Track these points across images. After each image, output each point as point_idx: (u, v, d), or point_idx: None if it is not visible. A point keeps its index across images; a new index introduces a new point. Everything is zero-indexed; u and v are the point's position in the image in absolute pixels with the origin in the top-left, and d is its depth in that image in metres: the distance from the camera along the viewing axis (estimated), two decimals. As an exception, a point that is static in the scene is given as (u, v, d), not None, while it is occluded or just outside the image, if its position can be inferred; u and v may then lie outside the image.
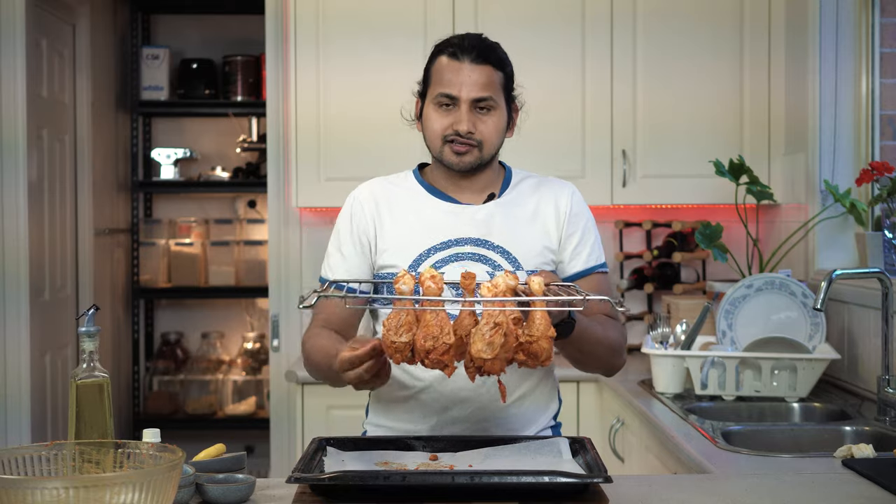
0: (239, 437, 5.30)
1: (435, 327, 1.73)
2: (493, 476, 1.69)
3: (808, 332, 3.05)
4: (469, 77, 2.06)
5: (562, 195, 2.17)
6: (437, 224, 2.12)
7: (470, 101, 2.07)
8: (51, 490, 1.34)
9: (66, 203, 4.63)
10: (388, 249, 2.13)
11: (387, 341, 1.76)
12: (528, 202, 2.16)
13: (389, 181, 2.23)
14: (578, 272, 2.15)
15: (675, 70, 3.79)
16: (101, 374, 1.71)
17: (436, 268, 2.08)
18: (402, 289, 1.74)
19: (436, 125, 2.10)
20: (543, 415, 2.18)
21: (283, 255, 4.05)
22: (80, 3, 4.69)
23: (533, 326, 1.74)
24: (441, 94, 2.08)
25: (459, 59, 2.07)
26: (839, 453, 2.17)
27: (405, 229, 2.13)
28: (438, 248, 2.10)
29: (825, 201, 3.36)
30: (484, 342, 1.70)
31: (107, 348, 4.97)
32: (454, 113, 2.08)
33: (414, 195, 2.18)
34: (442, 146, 2.11)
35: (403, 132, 4.16)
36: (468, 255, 2.10)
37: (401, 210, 2.16)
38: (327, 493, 1.70)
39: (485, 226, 2.12)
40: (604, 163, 3.80)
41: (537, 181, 2.21)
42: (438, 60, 2.12)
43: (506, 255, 2.10)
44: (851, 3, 3.35)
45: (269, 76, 4.00)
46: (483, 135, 2.09)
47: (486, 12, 3.78)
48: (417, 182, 2.20)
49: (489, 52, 2.09)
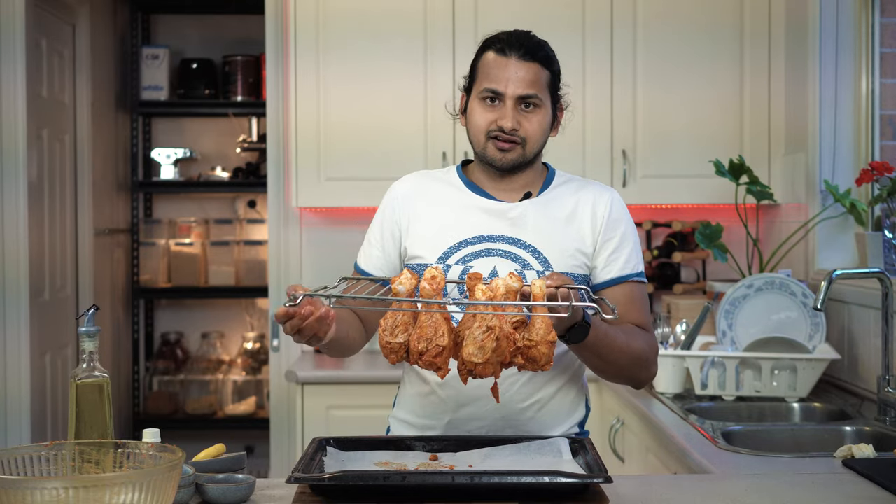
0: (239, 437, 5.30)
1: (429, 329, 1.73)
2: (493, 476, 1.69)
3: (808, 332, 3.05)
4: (515, 73, 2.04)
5: (601, 199, 2.13)
6: (471, 219, 2.11)
7: (515, 98, 2.04)
8: (50, 490, 1.34)
9: (66, 203, 4.63)
10: (418, 241, 2.12)
11: (382, 341, 1.76)
12: (565, 204, 2.13)
13: (431, 175, 2.22)
14: (612, 279, 2.11)
15: (675, 69, 3.79)
16: (101, 374, 1.71)
17: (464, 262, 2.07)
18: (398, 289, 1.74)
19: (480, 120, 2.08)
20: (567, 420, 2.13)
21: (283, 255, 4.05)
22: (80, 3, 4.69)
23: (533, 331, 1.73)
24: (486, 89, 2.06)
25: (506, 54, 2.06)
26: (839, 453, 2.17)
27: (438, 222, 2.12)
28: (470, 243, 2.09)
29: (825, 201, 3.36)
30: (475, 346, 1.69)
31: (107, 348, 4.97)
32: (499, 109, 2.06)
33: (452, 189, 2.16)
34: (485, 142, 2.09)
35: (403, 132, 4.16)
36: (499, 252, 2.08)
37: (437, 203, 2.15)
38: (327, 494, 1.70)
39: (518, 224, 2.10)
40: (604, 163, 3.80)
41: (578, 184, 2.17)
42: (485, 56, 2.09)
43: (536, 255, 2.07)
44: (851, 3, 3.35)
45: (269, 76, 4.00)
46: (527, 132, 2.07)
47: (486, 15, 3.78)
48: (458, 177, 2.18)
49: (537, 49, 2.07)
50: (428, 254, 2.10)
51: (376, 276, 2.16)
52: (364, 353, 3.98)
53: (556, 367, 2.04)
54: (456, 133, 3.79)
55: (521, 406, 2.07)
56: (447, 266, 2.07)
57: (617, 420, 3.17)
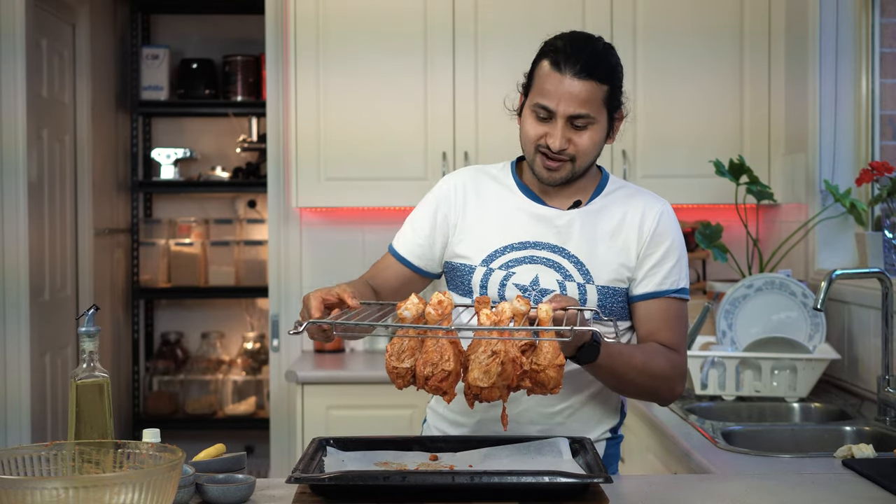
0: (239, 437, 5.30)
1: (435, 353, 1.73)
2: (492, 476, 1.69)
3: (808, 332, 3.05)
4: (569, 92, 1.96)
5: (650, 212, 2.07)
6: (519, 223, 2.08)
7: (566, 117, 1.98)
8: (50, 490, 1.34)
9: (66, 203, 4.63)
10: (465, 240, 2.10)
11: (388, 366, 1.77)
12: (614, 214, 2.08)
13: (486, 171, 2.17)
14: (647, 293, 2.05)
15: (675, 69, 3.79)
16: (101, 374, 1.71)
17: (507, 267, 2.05)
18: (404, 314, 1.74)
19: (530, 132, 2.02)
20: (598, 426, 2.10)
21: (283, 255, 4.05)
22: (80, 3, 4.69)
23: (541, 355, 1.74)
24: (538, 104, 2.00)
25: (562, 70, 1.97)
26: (839, 453, 2.17)
27: (486, 223, 2.10)
28: (516, 248, 2.06)
29: (825, 201, 3.36)
30: (480, 370, 1.70)
31: (107, 348, 4.97)
32: (549, 125, 1.99)
33: (504, 190, 2.13)
34: (534, 154, 2.03)
35: (403, 132, 4.16)
36: (542, 260, 2.05)
37: (488, 203, 2.11)
38: (327, 494, 1.70)
39: (564, 233, 2.06)
40: (604, 163, 3.79)
41: (630, 193, 2.12)
42: (541, 65, 2.02)
43: (579, 266, 2.04)
44: (851, 3, 3.35)
45: (269, 76, 4.00)
46: (577, 150, 2.00)
47: (486, 18, 3.78)
48: (512, 177, 2.14)
49: (594, 66, 1.97)
50: (473, 255, 2.08)
51: (413, 263, 2.14)
52: (364, 354, 3.98)
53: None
54: (456, 133, 3.79)
55: (550, 411, 2.05)
56: (490, 269, 2.06)
57: (617, 420, 3.17)
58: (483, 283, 2.06)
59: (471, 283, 2.07)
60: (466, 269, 2.08)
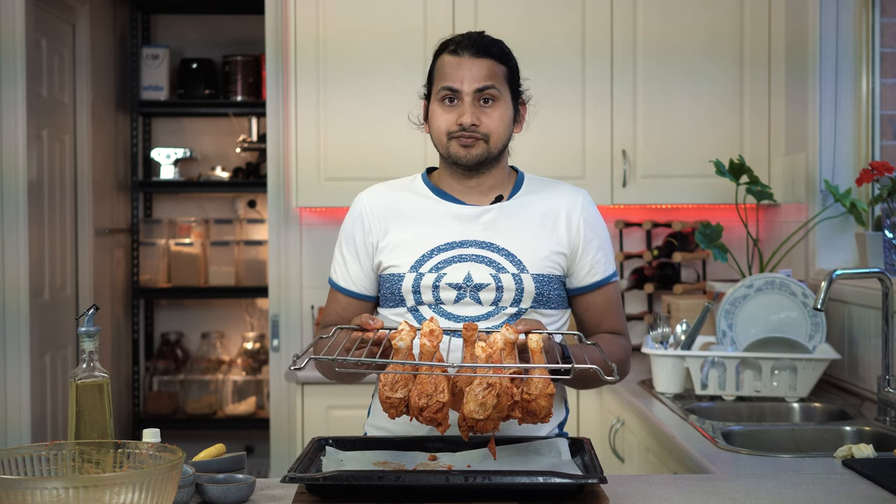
0: (239, 437, 5.30)
1: (429, 385, 1.75)
2: (487, 476, 1.69)
3: (808, 332, 3.05)
4: (470, 70, 2.06)
5: (575, 202, 2.14)
6: (442, 225, 2.11)
7: (472, 93, 2.06)
8: (50, 490, 1.34)
9: (65, 203, 4.63)
10: (391, 252, 2.12)
11: (382, 396, 1.78)
12: (538, 206, 2.13)
13: (395, 185, 2.22)
14: (596, 282, 2.14)
15: (676, 69, 3.79)
16: (100, 375, 1.71)
17: (438, 269, 2.07)
18: (398, 345, 1.76)
19: (440, 122, 2.09)
20: (547, 424, 2.12)
21: (283, 254, 4.05)
22: (80, 3, 4.69)
23: (532, 385, 1.76)
24: (443, 87, 2.07)
25: (460, 54, 2.08)
26: (839, 453, 2.17)
27: (409, 231, 2.12)
28: (442, 249, 2.09)
29: (825, 201, 3.36)
30: (476, 402, 1.71)
31: (107, 348, 4.97)
32: (458, 108, 2.07)
33: (420, 198, 2.17)
34: (448, 142, 2.09)
35: (403, 132, 4.16)
36: (471, 257, 2.08)
37: (406, 213, 2.15)
38: (323, 493, 1.70)
39: (490, 228, 2.10)
40: (604, 163, 3.80)
41: (548, 185, 2.18)
42: (440, 59, 2.12)
43: (510, 258, 2.08)
44: (851, 3, 3.35)
45: (269, 76, 4.00)
46: (489, 127, 2.07)
47: (486, 20, 3.77)
48: (424, 184, 2.19)
49: (490, 46, 2.10)
50: (401, 263, 2.10)
51: (357, 292, 2.16)
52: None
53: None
54: (456, 133, 3.79)
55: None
56: (420, 274, 2.07)
57: (617, 420, 3.17)
58: (415, 289, 2.08)
59: (401, 291, 2.09)
60: (396, 277, 2.10)
